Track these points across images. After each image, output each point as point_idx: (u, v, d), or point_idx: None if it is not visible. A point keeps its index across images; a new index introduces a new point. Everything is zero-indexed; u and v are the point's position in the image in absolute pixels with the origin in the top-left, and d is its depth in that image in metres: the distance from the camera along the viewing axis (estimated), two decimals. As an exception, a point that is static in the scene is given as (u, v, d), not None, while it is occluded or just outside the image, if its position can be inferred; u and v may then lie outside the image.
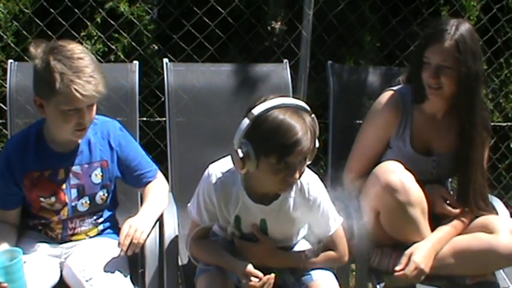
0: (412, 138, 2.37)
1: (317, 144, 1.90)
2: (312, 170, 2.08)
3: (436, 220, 2.33)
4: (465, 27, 2.25)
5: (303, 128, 1.80)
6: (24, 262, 1.95)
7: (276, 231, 2.07)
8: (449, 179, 2.68)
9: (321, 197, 2.03)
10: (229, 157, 1.93)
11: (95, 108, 2.05)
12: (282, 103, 1.83)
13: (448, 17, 3.50)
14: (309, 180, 2.02)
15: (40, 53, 1.98)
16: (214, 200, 2.00)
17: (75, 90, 1.93)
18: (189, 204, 2.10)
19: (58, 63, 1.94)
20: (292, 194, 2.00)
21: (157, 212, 2.19)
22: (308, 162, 1.92)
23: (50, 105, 1.99)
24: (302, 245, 2.18)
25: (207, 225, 2.07)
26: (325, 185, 2.09)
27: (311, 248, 2.13)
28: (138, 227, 2.05)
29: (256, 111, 1.82)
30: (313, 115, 1.88)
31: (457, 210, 2.33)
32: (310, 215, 2.06)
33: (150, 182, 2.26)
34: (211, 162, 2.03)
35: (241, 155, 1.83)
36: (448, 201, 2.34)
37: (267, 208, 2.00)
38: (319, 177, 2.07)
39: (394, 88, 2.42)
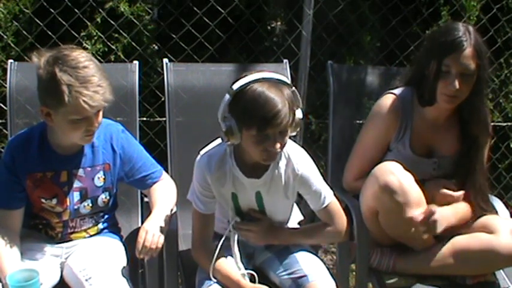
0: (411, 141, 2.35)
1: (300, 116, 1.97)
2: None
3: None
4: (472, 29, 2.24)
5: (281, 100, 1.87)
6: (41, 284, 1.94)
7: (272, 205, 2.13)
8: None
9: (309, 170, 2.10)
10: (218, 139, 2.02)
11: (101, 112, 2.04)
12: (260, 77, 1.90)
13: (449, 19, 3.51)
14: (297, 154, 2.09)
15: (44, 63, 1.95)
16: (209, 181, 2.05)
17: (84, 102, 1.91)
18: (188, 196, 2.13)
19: (64, 75, 1.91)
20: (283, 166, 2.06)
21: (169, 214, 2.16)
22: (293, 134, 1.98)
23: (58, 115, 1.97)
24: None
25: (208, 212, 2.10)
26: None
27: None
28: (155, 232, 2.03)
29: (235, 86, 1.90)
30: (293, 88, 1.95)
31: (459, 193, 2.31)
32: (301, 188, 2.12)
33: (155, 183, 2.26)
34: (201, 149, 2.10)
35: (224, 128, 1.92)
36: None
37: (259, 181, 2.06)
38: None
39: (395, 91, 2.40)
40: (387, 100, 2.39)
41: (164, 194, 2.23)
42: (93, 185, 2.17)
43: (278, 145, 1.93)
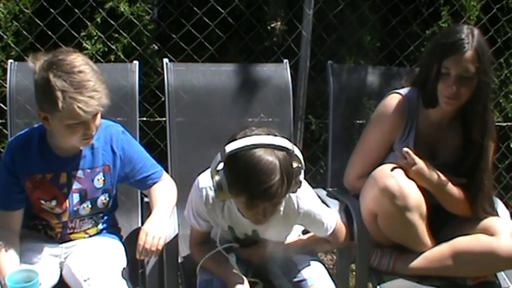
0: (416, 142, 2.34)
1: (301, 177, 1.83)
2: (311, 172, 2.09)
3: (435, 223, 2.32)
4: (477, 32, 2.22)
5: (274, 172, 1.71)
6: (40, 284, 1.94)
7: (269, 237, 2.09)
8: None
9: (311, 207, 2.01)
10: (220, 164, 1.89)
11: (99, 115, 2.02)
12: (256, 143, 1.73)
13: (449, 19, 3.50)
14: (298, 192, 1.93)
15: (39, 67, 1.93)
16: (205, 213, 2.01)
17: (78, 107, 1.89)
18: (185, 212, 2.11)
19: (58, 80, 1.88)
20: (282, 208, 1.95)
21: (169, 214, 2.16)
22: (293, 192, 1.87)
23: (55, 120, 1.96)
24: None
25: (206, 230, 2.10)
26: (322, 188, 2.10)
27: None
28: (156, 233, 2.02)
29: (228, 148, 1.75)
30: (295, 151, 1.79)
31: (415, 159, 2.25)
32: (305, 222, 2.08)
33: (156, 183, 2.25)
34: (205, 170, 1.99)
35: (215, 184, 1.81)
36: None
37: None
38: (312, 186, 2.07)
39: (401, 91, 2.39)
40: (393, 100, 2.38)
41: (164, 194, 2.22)
42: (92, 186, 2.16)
43: (268, 215, 1.83)
